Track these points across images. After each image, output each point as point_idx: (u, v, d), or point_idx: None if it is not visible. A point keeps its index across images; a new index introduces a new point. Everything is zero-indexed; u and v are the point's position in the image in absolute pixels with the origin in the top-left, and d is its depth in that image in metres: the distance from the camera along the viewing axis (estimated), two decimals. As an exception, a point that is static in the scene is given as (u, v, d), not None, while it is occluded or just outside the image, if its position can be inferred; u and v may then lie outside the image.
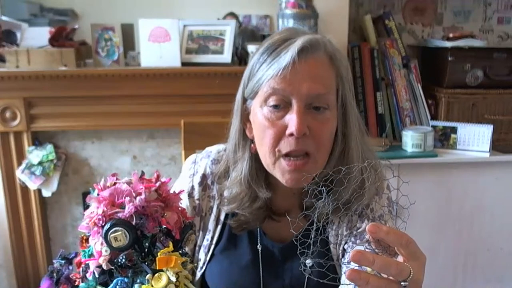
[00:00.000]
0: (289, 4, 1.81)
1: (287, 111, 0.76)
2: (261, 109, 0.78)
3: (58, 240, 2.08)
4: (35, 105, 1.85)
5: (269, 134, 0.77)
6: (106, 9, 2.03)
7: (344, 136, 0.82)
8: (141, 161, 2.03)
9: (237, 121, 0.85)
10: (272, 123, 0.77)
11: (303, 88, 0.75)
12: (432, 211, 1.85)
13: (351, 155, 0.82)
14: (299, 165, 0.77)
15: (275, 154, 0.78)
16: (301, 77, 0.74)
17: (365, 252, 0.53)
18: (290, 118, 0.75)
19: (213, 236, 0.90)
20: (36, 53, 1.78)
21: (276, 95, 0.76)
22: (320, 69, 0.77)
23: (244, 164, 0.84)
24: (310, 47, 0.75)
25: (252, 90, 0.80)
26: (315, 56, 0.76)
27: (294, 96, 0.75)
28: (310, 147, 0.76)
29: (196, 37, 1.88)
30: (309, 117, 0.76)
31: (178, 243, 0.63)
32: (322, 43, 0.77)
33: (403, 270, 0.54)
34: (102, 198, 0.60)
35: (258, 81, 0.78)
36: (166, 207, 0.63)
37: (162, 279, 0.57)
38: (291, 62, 0.73)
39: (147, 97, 1.86)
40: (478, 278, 1.94)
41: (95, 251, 0.60)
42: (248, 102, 0.83)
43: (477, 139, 1.79)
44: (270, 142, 0.77)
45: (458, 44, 1.91)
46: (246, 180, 0.84)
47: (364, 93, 1.94)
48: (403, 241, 0.55)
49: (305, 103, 0.75)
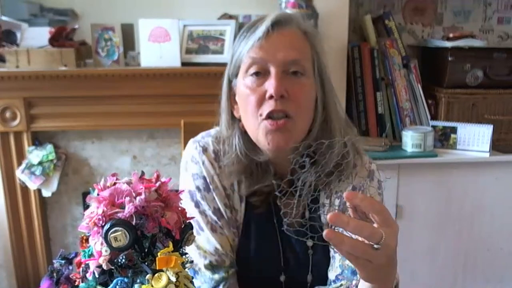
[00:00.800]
0: (289, 4, 1.82)
1: (267, 79, 0.83)
2: (243, 81, 0.85)
3: (58, 240, 2.08)
4: (35, 105, 1.85)
5: (251, 100, 0.83)
6: (106, 9, 2.03)
7: (324, 107, 0.88)
8: (141, 161, 2.03)
9: (225, 102, 0.91)
10: (254, 90, 0.83)
11: (279, 54, 0.82)
12: (432, 211, 1.85)
13: (333, 126, 0.88)
14: (281, 124, 0.82)
15: (257, 118, 0.83)
16: (276, 45, 0.82)
17: (341, 215, 0.57)
18: (269, 83, 0.82)
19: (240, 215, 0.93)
20: (36, 53, 1.78)
21: (255, 64, 0.83)
22: (294, 39, 0.84)
23: (236, 140, 0.90)
24: (284, 20, 0.83)
25: (234, 66, 0.87)
26: (289, 28, 0.84)
27: (271, 62, 0.82)
28: (290, 109, 0.82)
29: (196, 37, 1.88)
30: (286, 82, 0.82)
31: (178, 243, 0.63)
32: (294, 19, 0.86)
33: (375, 233, 0.57)
34: (102, 198, 0.60)
35: (239, 55, 0.85)
36: (166, 207, 0.63)
37: (162, 279, 0.57)
38: (266, 32, 0.81)
39: (147, 97, 1.86)
40: (478, 278, 1.94)
41: (95, 251, 0.60)
42: (233, 82, 0.89)
43: (477, 139, 1.79)
44: (253, 107, 0.83)
45: (458, 44, 1.91)
46: (242, 152, 0.89)
47: (364, 93, 1.94)
48: (376, 207, 0.59)
49: (282, 69, 0.82)
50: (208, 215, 0.91)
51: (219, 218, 0.91)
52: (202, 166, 0.92)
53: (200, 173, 0.92)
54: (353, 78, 1.94)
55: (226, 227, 0.91)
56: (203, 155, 0.93)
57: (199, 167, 0.93)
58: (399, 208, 1.81)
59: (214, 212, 0.91)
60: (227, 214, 0.91)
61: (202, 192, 0.91)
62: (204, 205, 0.91)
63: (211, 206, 0.91)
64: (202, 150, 0.93)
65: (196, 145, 0.95)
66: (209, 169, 0.92)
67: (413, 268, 1.87)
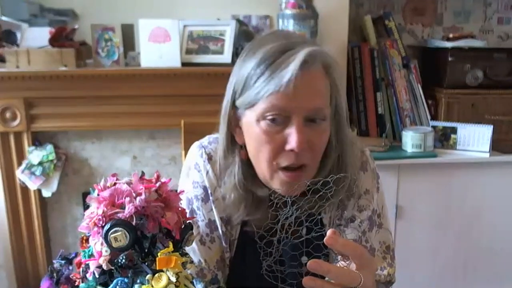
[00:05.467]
0: (289, 4, 1.82)
1: (285, 125, 0.76)
2: (258, 123, 0.77)
3: (58, 240, 2.08)
4: (35, 105, 1.85)
5: (267, 148, 0.77)
6: (106, 9, 2.03)
7: (338, 142, 0.83)
8: (141, 162, 2.03)
9: (225, 127, 0.84)
10: (271, 137, 0.76)
11: (303, 103, 0.75)
12: (432, 211, 1.85)
13: (346, 160, 0.84)
14: (297, 176, 0.78)
15: (272, 167, 0.78)
16: (301, 92, 0.74)
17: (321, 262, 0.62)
18: (289, 134, 0.75)
19: (236, 228, 0.90)
20: (36, 53, 1.77)
21: (275, 110, 0.75)
22: (318, 83, 0.77)
23: (235, 169, 0.84)
24: (310, 60, 0.74)
25: (249, 102, 0.78)
26: (313, 69, 0.75)
27: (294, 112, 0.75)
28: (307, 159, 0.78)
29: (196, 37, 1.88)
30: (307, 130, 0.76)
31: (178, 243, 0.63)
32: (319, 55, 0.76)
33: (354, 278, 0.64)
34: (102, 198, 0.60)
35: (256, 95, 0.76)
36: (166, 207, 0.63)
37: (162, 279, 0.57)
38: (293, 79, 0.72)
39: (147, 97, 1.86)
40: (478, 278, 1.94)
41: (95, 251, 0.60)
42: (240, 110, 0.81)
43: (477, 139, 1.79)
44: (268, 156, 0.78)
45: (458, 44, 1.91)
46: (241, 184, 0.84)
47: (364, 93, 1.94)
48: (357, 253, 0.65)
49: (304, 118, 0.76)
50: (200, 226, 0.88)
51: (213, 230, 0.88)
52: (206, 176, 0.89)
53: (201, 182, 0.89)
54: (353, 79, 1.94)
55: (218, 240, 0.89)
56: (208, 164, 0.89)
57: (201, 175, 0.89)
58: (399, 208, 1.81)
59: (208, 224, 0.88)
60: (222, 229, 0.88)
61: (200, 202, 0.89)
62: (199, 215, 0.89)
63: (206, 217, 0.89)
64: (207, 159, 0.89)
65: (202, 152, 0.90)
66: (212, 180, 0.88)
67: (413, 268, 1.87)
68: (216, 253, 0.89)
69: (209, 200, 0.88)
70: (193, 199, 0.89)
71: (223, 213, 0.88)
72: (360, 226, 0.89)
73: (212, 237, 0.89)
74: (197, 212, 0.89)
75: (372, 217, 0.90)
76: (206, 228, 0.88)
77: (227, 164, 0.86)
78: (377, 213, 0.91)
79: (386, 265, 0.91)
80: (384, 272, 0.90)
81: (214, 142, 0.91)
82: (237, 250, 0.90)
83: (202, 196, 0.89)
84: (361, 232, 0.89)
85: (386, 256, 0.92)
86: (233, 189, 0.84)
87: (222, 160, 0.86)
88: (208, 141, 0.92)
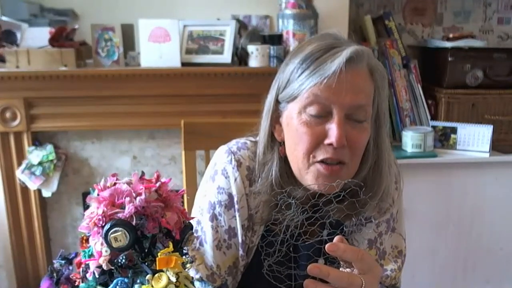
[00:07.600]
0: (289, 4, 1.82)
1: (326, 120, 0.76)
2: (299, 115, 0.78)
3: (58, 240, 2.08)
4: (35, 105, 1.85)
5: (306, 140, 0.77)
6: (106, 9, 2.03)
7: (377, 147, 0.84)
8: (141, 161, 2.03)
9: (267, 123, 0.84)
10: (311, 129, 0.77)
11: (346, 98, 0.75)
12: (432, 211, 1.85)
13: (382, 166, 0.84)
14: (335, 170, 0.77)
15: (309, 159, 0.78)
16: (345, 87, 0.74)
17: (322, 266, 0.63)
18: (330, 128, 0.76)
19: (258, 235, 0.89)
20: (36, 53, 1.77)
21: (318, 102, 0.75)
22: (362, 81, 0.77)
23: (273, 166, 0.84)
24: (356, 57, 0.75)
25: (291, 95, 0.79)
26: (359, 67, 0.76)
27: (336, 105, 0.75)
28: (346, 157, 0.77)
29: (196, 37, 1.88)
30: (347, 127, 0.76)
31: (178, 243, 0.63)
32: (365, 55, 0.77)
33: (354, 281, 0.64)
34: (102, 198, 0.60)
35: (300, 87, 0.77)
36: (166, 207, 0.63)
37: (162, 279, 0.57)
38: (338, 72, 0.73)
39: (147, 97, 1.86)
40: (478, 278, 1.94)
41: (95, 251, 0.60)
42: (282, 105, 0.82)
43: (477, 139, 1.79)
44: (306, 148, 0.77)
45: (458, 44, 1.91)
46: (277, 181, 0.83)
47: (364, 93, 1.93)
48: (358, 257, 0.65)
49: (345, 113, 0.76)
50: (220, 232, 0.88)
51: (231, 237, 0.88)
52: (233, 183, 0.87)
53: (227, 189, 0.87)
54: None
55: (234, 247, 0.88)
56: (237, 171, 0.87)
57: (227, 182, 0.87)
58: (399, 208, 1.81)
59: (227, 231, 0.87)
60: (242, 237, 0.87)
61: (223, 208, 0.87)
62: (220, 221, 0.87)
63: (227, 224, 0.87)
64: (236, 165, 0.87)
65: (231, 158, 0.88)
66: (240, 188, 0.87)
67: (413, 268, 1.87)
68: (230, 259, 0.89)
69: (233, 208, 0.87)
70: (216, 204, 0.88)
71: (246, 221, 0.87)
72: (378, 228, 0.89)
73: (229, 244, 0.88)
74: (219, 217, 0.88)
75: (389, 220, 0.90)
76: (224, 234, 0.88)
77: (266, 160, 0.86)
78: (393, 217, 0.91)
79: (397, 268, 0.91)
80: (392, 274, 0.90)
81: (243, 147, 0.90)
82: (254, 257, 0.89)
83: (226, 203, 0.87)
84: (378, 234, 0.89)
85: (398, 260, 0.92)
86: (268, 186, 0.84)
87: (262, 155, 0.86)
88: (236, 146, 0.91)
